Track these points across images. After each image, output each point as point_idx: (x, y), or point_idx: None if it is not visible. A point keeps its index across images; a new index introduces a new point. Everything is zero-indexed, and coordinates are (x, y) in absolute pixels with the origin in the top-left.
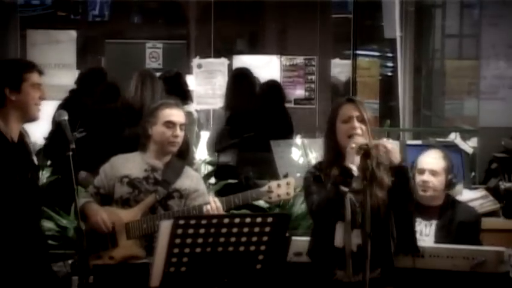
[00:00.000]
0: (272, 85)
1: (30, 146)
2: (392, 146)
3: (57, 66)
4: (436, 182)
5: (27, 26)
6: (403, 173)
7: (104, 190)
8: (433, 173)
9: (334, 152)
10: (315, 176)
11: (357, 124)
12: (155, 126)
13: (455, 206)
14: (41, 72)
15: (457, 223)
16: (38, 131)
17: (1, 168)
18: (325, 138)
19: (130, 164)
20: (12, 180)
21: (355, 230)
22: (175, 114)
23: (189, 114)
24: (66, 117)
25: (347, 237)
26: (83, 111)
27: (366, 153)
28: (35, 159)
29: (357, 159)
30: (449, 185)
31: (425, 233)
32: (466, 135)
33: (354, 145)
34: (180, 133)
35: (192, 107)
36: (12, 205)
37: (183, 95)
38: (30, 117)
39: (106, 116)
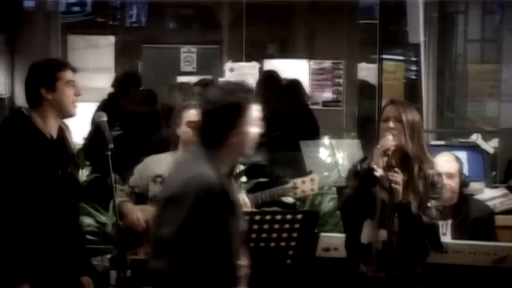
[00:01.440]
0: (293, 84)
1: (71, 140)
2: (396, 181)
3: (96, 70)
4: (453, 183)
5: (68, 32)
6: (406, 211)
7: (139, 189)
8: (449, 175)
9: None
10: (355, 171)
11: (392, 124)
12: (181, 127)
13: (469, 203)
14: (74, 70)
15: (471, 220)
16: (78, 132)
17: (42, 165)
18: (368, 137)
19: (162, 164)
20: (54, 176)
21: (382, 230)
22: (198, 115)
23: None
24: (105, 119)
25: (374, 235)
26: (120, 113)
27: (403, 156)
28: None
29: (384, 159)
30: (464, 184)
31: (443, 231)
32: (487, 136)
33: (379, 146)
34: None
35: None
36: (53, 199)
37: None
38: (67, 114)
39: (143, 117)
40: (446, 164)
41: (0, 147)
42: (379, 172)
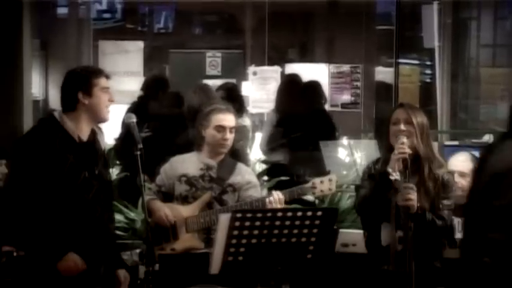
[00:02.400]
0: (312, 86)
1: (102, 144)
2: (409, 198)
3: (126, 74)
4: (465, 182)
5: (99, 37)
6: (421, 219)
7: (165, 188)
8: (462, 174)
9: (386, 151)
10: (370, 172)
11: (403, 127)
12: (208, 129)
13: None
14: (108, 77)
15: None
16: (109, 133)
17: (68, 166)
18: (382, 138)
19: (187, 164)
20: (80, 177)
21: (399, 231)
22: (225, 119)
23: (243, 128)
24: (134, 120)
25: (392, 237)
26: (149, 115)
27: (414, 157)
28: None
29: (399, 164)
30: None
31: (458, 229)
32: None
33: (396, 152)
34: (230, 136)
35: (246, 120)
36: (79, 199)
37: (238, 106)
38: (101, 119)
39: (170, 119)
40: (460, 163)
41: (30, 147)
42: (394, 176)
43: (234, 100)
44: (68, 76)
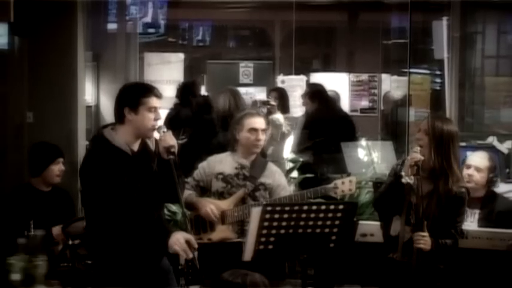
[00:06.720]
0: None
1: (153, 147)
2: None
3: (168, 82)
4: (479, 177)
5: (145, 50)
6: (433, 253)
7: (203, 183)
8: (477, 169)
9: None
10: (394, 171)
11: (420, 136)
12: (241, 132)
13: (495, 198)
14: (158, 96)
15: (496, 213)
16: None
17: (125, 180)
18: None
19: (223, 163)
20: (136, 187)
21: (407, 226)
22: (257, 122)
23: (275, 121)
24: (165, 130)
25: (401, 229)
26: (183, 121)
27: (431, 168)
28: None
29: (412, 169)
30: (491, 181)
31: (470, 220)
32: (502, 138)
33: (409, 158)
34: (262, 137)
35: (280, 115)
36: (136, 206)
37: (286, 108)
38: (143, 136)
39: (202, 125)
40: (478, 159)
41: (90, 173)
42: (405, 180)
43: (285, 100)
44: (121, 90)
